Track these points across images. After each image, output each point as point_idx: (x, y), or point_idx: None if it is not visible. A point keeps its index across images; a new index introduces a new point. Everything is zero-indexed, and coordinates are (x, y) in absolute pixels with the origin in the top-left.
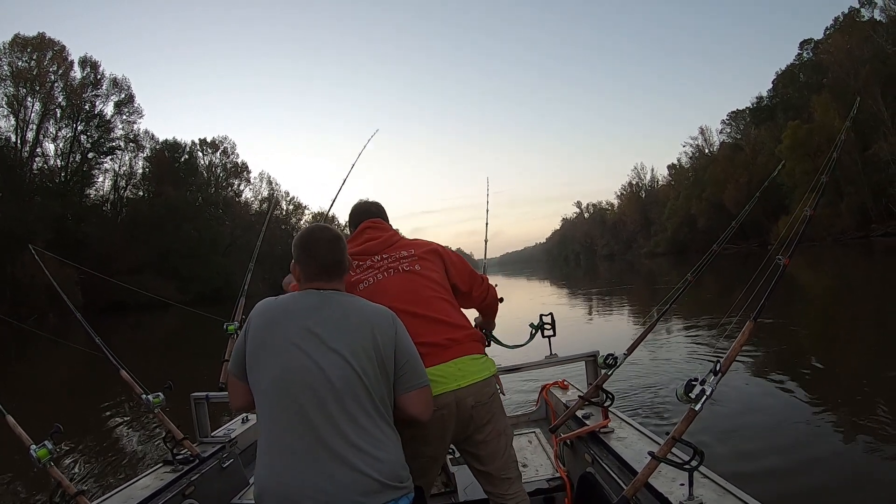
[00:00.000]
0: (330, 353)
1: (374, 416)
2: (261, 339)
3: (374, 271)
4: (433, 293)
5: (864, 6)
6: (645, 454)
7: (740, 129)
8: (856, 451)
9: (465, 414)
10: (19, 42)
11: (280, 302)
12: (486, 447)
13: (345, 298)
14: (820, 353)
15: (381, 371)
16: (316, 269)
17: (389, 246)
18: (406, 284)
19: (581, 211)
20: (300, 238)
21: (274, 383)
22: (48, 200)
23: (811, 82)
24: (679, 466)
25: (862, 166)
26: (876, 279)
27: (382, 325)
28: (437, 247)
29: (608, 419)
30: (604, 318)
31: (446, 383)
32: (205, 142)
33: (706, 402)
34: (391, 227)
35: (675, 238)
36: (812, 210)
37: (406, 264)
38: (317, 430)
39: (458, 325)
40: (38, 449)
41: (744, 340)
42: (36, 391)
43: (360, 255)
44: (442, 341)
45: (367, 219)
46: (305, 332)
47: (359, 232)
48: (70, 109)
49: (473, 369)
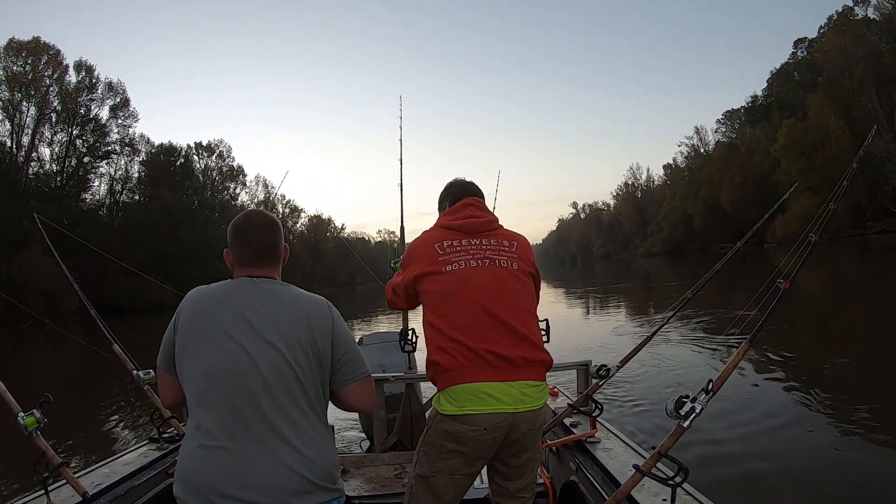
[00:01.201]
0: (263, 344)
1: (307, 412)
2: (192, 328)
3: (468, 256)
4: (523, 301)
5: (857, 4)
6: (630, 467)
7: (735, 129)
8: (851, 455)
9: (514, 438)
10: (14, 46)
11: (212, 290)
12: (518, 470)
13: (278, 287)
14: (815, 352)
15: (316, 364)
16: (249, 255)
17: (490, 231)
18: (499, 282)
19: (577, 211)
20: (233, 223)
21: (205, 374)
22: (44, 205)
23: (806, 81)
24: (663, 482)
25: (857, 164)
26: (872, 277)
27: (318, 315)
28: (534, 260)
29: (596, 429)
30: (599, 321)
31: (504, 403)
32: (200, 145)
33: (695, 419)
34: (492, 213)
35: (672, 238)
36: (817, 236)
37: (505, 259)
38: (247, 424)
39: (536, 346)
40: (25, 416)
41: (737, 361)
42: (33, 383)
43: (458, 233)
44: (516, 359)
45: (469, 196)
46: (239, 320)
47: (460, 206)
48: (65, 114)
49: (534, 396)
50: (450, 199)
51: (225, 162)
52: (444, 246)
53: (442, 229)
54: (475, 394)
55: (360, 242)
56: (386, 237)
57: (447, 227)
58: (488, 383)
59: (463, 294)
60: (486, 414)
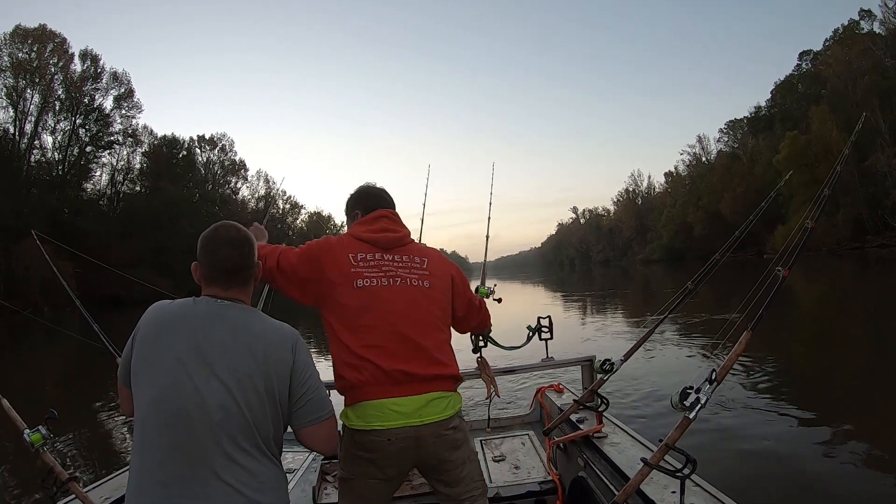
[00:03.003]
0: (213, 380)
1: (254, 455)
2: (146, 350)
3: (380, 273)
4: (434, 321)
5: (863, 19)
6: (638, 460)
7: (738, 139)
8: (847, 461)
9: (427, 449)
10: (20, 33)
11: (172, 308)
12: (450, 475)
13: (237, 314)
14: (812, 363)
15: (269, 404)
16: (214, 272)
17: (403, 246)
18: (410, 302)
19: (577, 216)
20: (203, 235)
21: (152, 405)
22: (45, 193)
23: (810, 93)
24: (671, 474)
25: (858, 178)
26: (870, 290)
27: (278, 350)
28: (452, 269)
29: (602, 424)
30: (599, 322)
31: (409, 416)
32: (203, 138)
33: (700, 410)
34: (405, 226)
35: (671, 245)
36: (813, 222)
37: (416, 277)
38: (192, 465)
39: (446, 363)
40: (31, 433)
41: (740, 351)
42: (30, 379)
43: (371, 246)
44: (425, 374)
45: (384, 207)
46: (192, 348)
47: (374, 217)
48: (69, 102)
49: (440, 407)
50: (362, 208)
51: (227, 156)
52: (358, 258)
53: (355, 240)
54: (380, 409)
55: None
56: None
57: (361, 238)
58: (393, 399)
59: (374, 313)
60: (389, 429)
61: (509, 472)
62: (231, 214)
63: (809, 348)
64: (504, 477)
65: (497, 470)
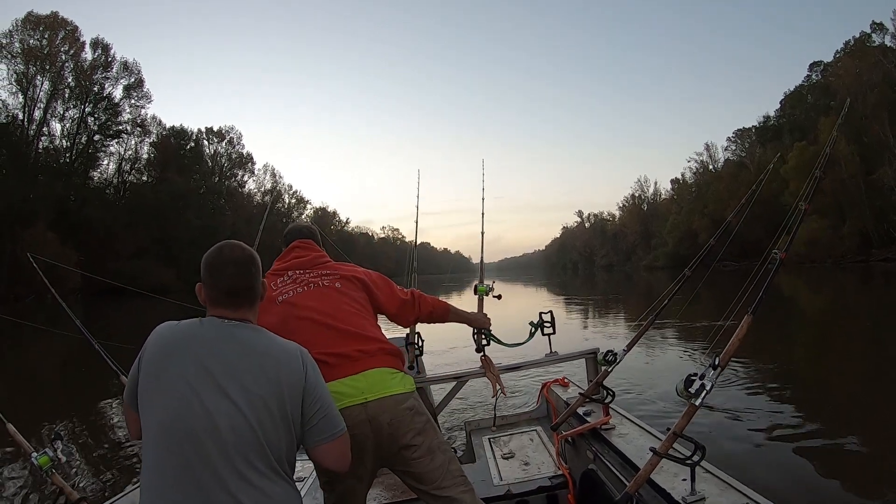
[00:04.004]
0: (224, 401)
1: (269, 475)
2: (154, 372)
3: (295, 285)
4: (350, 308)
5: (875, 31)
6: (646, 450)
7: (745, 148)
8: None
9: (383, 432)
10: (32, 20)
11: (180, 329)
12: (417, 465)
13: (247, 333)
14: (813, 368)
15: (282, 425)
16: (220, 294)
17: (315, 265)
18: (323, 298)
19: (582, 220)
20: (206, 257)
21: (161, 428)
22: (52, 180)
23: (819, 104)
24: (681, 462)
25: (865, 190)
26: (873, 302)
27: (289, 367)
28: (361, 273)
29: (609, 416)
30: (600, 323)
31: (353, 396)
32: (211, 130)
33: (706, 396)
34: (321, 249)
35: (676, 252)
36: (807, 204)
37: (327, 280)
38: (204, 487)
39: (372, 338)
40: (39, 457)
41: (742, 334)
42: (32, 381)
43: (284, 272)
44: (352, 353)
45: (298, 238)
46: (201, 369)
47: (287, 251)
48: (79, 90)
49: (385, 384)
50: (283, 244)
51: (235, 149)
52: (278, 283)
53: (271, 275)
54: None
55: (363, 238)
56: (389, 234)
57: (275, 272)
58: (333, 382)
59: (294, 316)
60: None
61: (519, 469)
62: (237, 207)
63: (810, 353)
64: (514, 474)
65: (507, 467)
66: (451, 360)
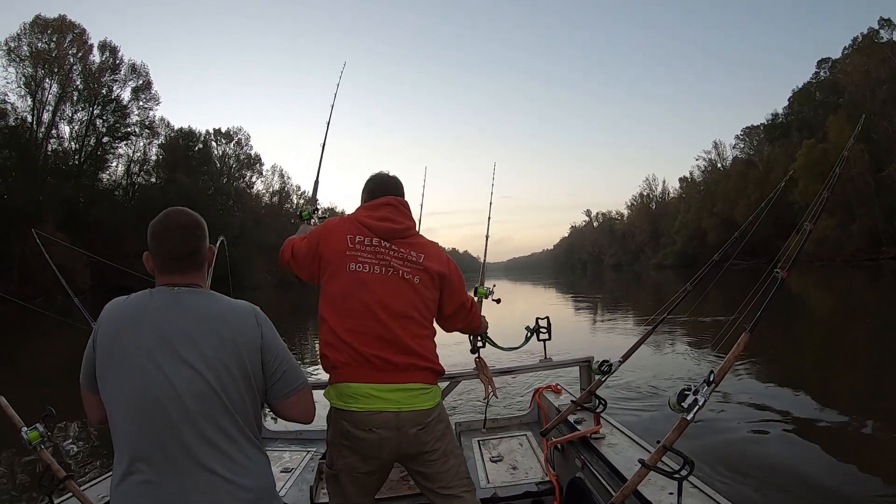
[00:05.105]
0: (184, 368)
1: (237, 439)
2: (109, 348)
3: (373, 259)
4: (417, 314)
5: (883, 28)
6: (635, 461)
7: (754, 146)
8: (846, 471)
9: (408, 438)
10: (40, 23)
11: (130, 303)
12: (431, 466)
13: (199, 298)
14: (818, 372)
15: (244, 383)
16: (168, 259)
17: (403, 238)
18: (397, 293)
19: (590, 219)
20: (152, 224)
21: (125, 402)
22: (61, 182)
23: (827, 101)
24: (669, 475)
25: (875, 188)
26: (883, 302)
27: (244, 327)
28: (445, 265)
29: (600, 425)
30: (603, 323)
31: (387, 403)
32: (219, 132)
33: (698, 411)
34: (411, 216)
35: (684, 251)
36: (812, 224)
37: (408, 270)
38: (173, 458)
39: (424, 355)
40: (29, 431)
41: (738, 352)
42: (36, 372)
43: (370, 232)
44: (401, 363)
45: (391, 195)
46: (158, 339)
47: (380, 204)
48: (87, 93)
49: (420, 398)
50: (367, 193)
51: (243, 150)
52: (356, 241)
53: (356, 223)
54: (360, 392)
55: None
56: None
57: (362, 223)
58: (371, 384)
59: (360, 298)
60: (368, 411)
61: (507, 473)
62: (245, 208)
63: (816, 353)
64: (501, 477)
65: (494, 470)
66: (444, 359)
